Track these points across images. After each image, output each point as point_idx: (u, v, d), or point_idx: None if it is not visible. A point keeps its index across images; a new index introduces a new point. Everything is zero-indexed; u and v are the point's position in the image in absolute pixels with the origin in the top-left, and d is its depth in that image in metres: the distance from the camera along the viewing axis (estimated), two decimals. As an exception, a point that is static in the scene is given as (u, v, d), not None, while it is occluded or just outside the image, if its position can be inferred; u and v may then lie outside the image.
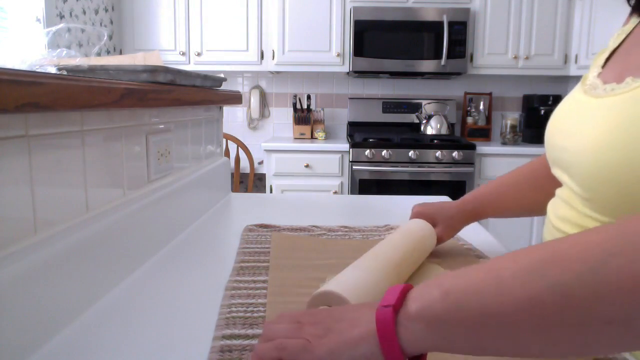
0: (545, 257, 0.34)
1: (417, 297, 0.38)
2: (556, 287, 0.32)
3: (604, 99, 0.56)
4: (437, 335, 0.36)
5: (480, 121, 3.17)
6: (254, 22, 2.94)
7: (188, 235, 0.92)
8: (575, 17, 2.89)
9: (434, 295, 0.37)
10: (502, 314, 0.33)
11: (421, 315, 0.36)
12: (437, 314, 0.36)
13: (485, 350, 0.35)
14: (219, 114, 1.26)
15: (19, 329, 0.46)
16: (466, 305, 0.35)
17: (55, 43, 2.11)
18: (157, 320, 0.57)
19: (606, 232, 0.33)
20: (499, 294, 0.34)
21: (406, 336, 0.37)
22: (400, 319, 0.37)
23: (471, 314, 0.35)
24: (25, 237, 0.50)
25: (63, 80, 0.49)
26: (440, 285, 0.37)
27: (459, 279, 0.37)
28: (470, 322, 0.35)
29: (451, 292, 0.36)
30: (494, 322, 0.34)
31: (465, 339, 0.35)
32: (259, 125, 3.38)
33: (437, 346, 0.36)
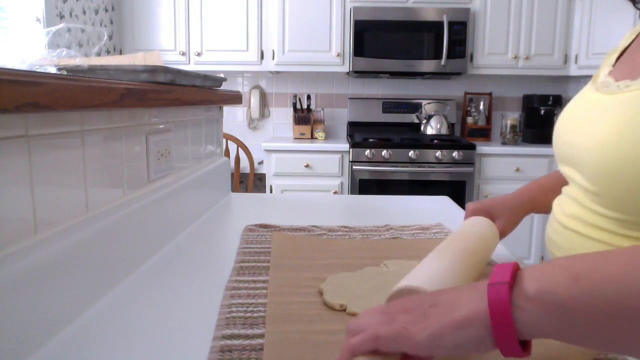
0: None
1: (536, 277, 0.34)
2: None
3: (617, 95, 0.57)
4: (558, 323, 0.33)
5: (480, 121, 3.17)
6: (254, 22, 2.94)
7: (188, 235, 0.92)
8: (575, 17, 2.89)
9: (560, 278, 0.33)
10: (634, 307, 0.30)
11: (542, 297, 0.33)
12: (563, 299, 0.32)
13: (614, 346, 0.32)
14: (219, 114, 1.26)
15: (19, 329, 0.46)
16: (599, 295, 0.31)
17: (55, 43, 2.11)
18: (157, 320, 0.57)
19: None
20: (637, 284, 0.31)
21: (522, 319, 0.33)
22: (515, 299, 0.34)
23: (605, 304, 0.31)
24: (25, 237, 0.50)
25: (63, 80, 0.49)
26: (568, 269, 0.34)
27: (593, 264, 0.33)
28: (604, 313, 0.31)
29: (583, 277, 0.32)
30: (631, 316, 0.31)
31: (593, 331, 0.32)
32: (259, 125, 3.37)
33: (555, 334, 0.34)
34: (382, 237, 0.91)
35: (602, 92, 0.60)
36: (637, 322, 0.31)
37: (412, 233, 0.93)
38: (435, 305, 0.37)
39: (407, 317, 0.37)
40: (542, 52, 2.91)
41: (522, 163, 2.75)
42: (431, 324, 0.36)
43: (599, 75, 0.64)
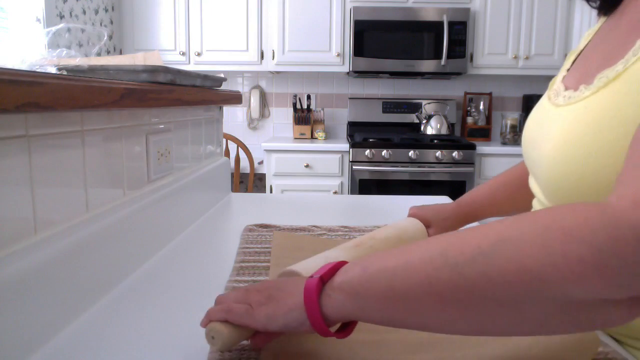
0: (451, 240, 0.37)
1: (343, 271, 0.42)
2: (452, 267, 0.35)
3: (562, 108, 0.55)
4: (354, 305, 0.40)
5: (480, 121, 3.17)
6: (254, 22, 2.94)
7: (188, 235, 0.92)
8: (575, 17, 2.89)
9: (355, 270, 0.41)
10: (405, 289, 0.37)
11: (341, 286, 0.41)
12: (354, 286, 0.40)
13: (394, 322, 0.39)
14: (219, 114, 1.26)
15: (19, 329, 0.46)
16: (377, 281, 0.39)
17: (55, 43, 2.11)
18: (157, 320, 0.57)
19: (507, 220, 0.35)
20: (405, 271, 0.37)
21: (328, 304, 0.41)
22: (326, 289, 0.42)
23: (380, 288, 0.38)
24: (25, 237, 0.50)
25: (63, 80, 0.49)
26: (362, 263, 0.41)
27: (378, 258, 0.40)
28: (379, 296, 0.38)
29: (368, 268, 0.40)
30: (398, 297, 0.37)
31: (376, 311, 0.39)
32: (259, 125, 3.38)
33: (355, 315, 0.41)
34: (382, 237, 0.91)
35: (552, 102, 0.59)
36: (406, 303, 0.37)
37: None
38: (280, 290, 0.45)
39: (258, 296, 0.45)
40: (542, 52, 2.92)
41: (522, 163, 2.75)
42: (269, 306, 0.44)
43: (555, 81, 0.63)
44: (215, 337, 0.45)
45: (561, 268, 0.31)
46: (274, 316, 0.43)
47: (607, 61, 0.51)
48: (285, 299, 0.43)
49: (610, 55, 0.52)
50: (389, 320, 0.39)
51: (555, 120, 0.56)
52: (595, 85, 0.50)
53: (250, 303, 0.45)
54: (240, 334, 0.45)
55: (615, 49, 0.51)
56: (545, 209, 0.35)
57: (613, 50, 0.52)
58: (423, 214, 0.80)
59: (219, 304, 0.47)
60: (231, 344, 0.45)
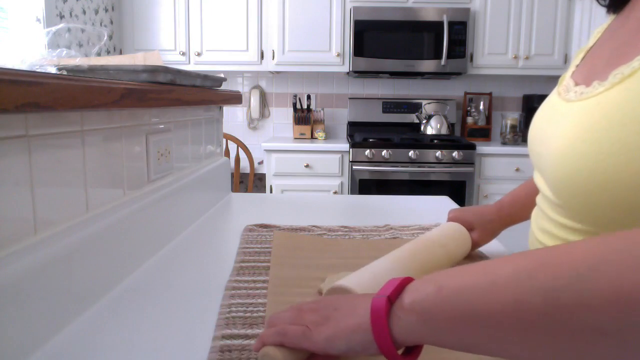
0: (538, 261, 0.34)
1: (412, 290, 0.39)
2: (543, 291, 0.32)
3: (573, 104, 0.55)
4: (427, 329, 0.37)
5: (480, 121, 3.17)
6: (254, 22, 2.94)
7: (188, 235, 0.92)
8: (575, 17, 2.89)
9: (428, 289, 0.37)
10: (489, 313, 0.34)
11: (413, 307, 0.37)
12: (428, 307, 0.37)
13: (472, 348, 0.36)
14: (219, 114, 1.26)
15: (19, 328, 0.46)
16: (456, 302, 0.35)
17: (55, 43, 2.11)
18: (157, 320, 0.57)
19: (602, 240, 0.32)
20: (489, 293, 0.34)
21: (398, 326, 0.38)
22: (394, 309, 0.38)
23: (460, 311, 0.35)
24: (25, 237, 0.50)
25: (63, 80, 0.49)
26: (436, 281, 0.38)
27: (454, 277, 0.37)
28: (458, 319, 0.35)
29: (444, 287, 0.37)
30: (481, 321, 0.34)
31: (452, 335, 0.36)
32: (259, 125, 3.38)
33: (427, 339, 0.37)
34: (382, 237, 0.91)
35: (562, 97, 0.58)
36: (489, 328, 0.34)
37: (412, 233, 0.93)
38: (338, 309, 0.42)
39: (314, 316, 0.43)
40: (542, 52, 2.91)
41: (522, 163, 2.75)
42: (329, 327, 0.41)
43: (564, 77, 0.63)
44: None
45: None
46: (335, 338, 0.40)
47: (617, 57, 0.51)
48: (347, 320, 0.41)
49: (620, 51, 0.51)
50: (464, 346, 0.36)
51: (566, 115, 0.55)
52: (610, 81, 0.49)
53: (308, 325, 0.42)
54: (296, 357, 0.43)
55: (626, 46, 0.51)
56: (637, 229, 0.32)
57: (623, 47, 0.52)
58: (465, 218, 0.79)
59: (271, 326, 0.45)
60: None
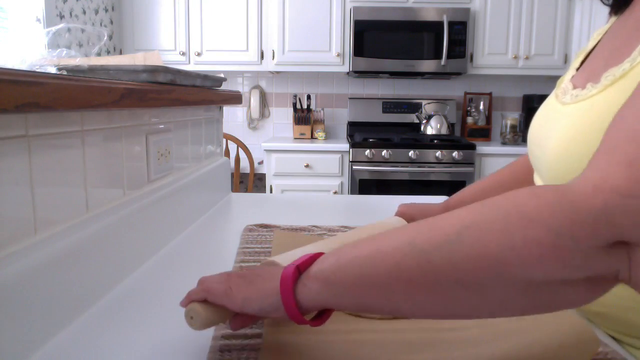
0: (419, 228, 0.38)
1: (319, 261, 0.43)
2: (418, 253, 0.36)
3: (569, 106, 0.55)
4: (327, 293, 0.41)
5: (480, 121, 3.17)
6: (254, 22, 2.94)
7: (188, 235, 0.92)
8: (575, 17, 2.89)
9: (330, 260, 0.42)
10: (376, 277, 0.38)
11: (316, 275, 0.42)
12: (327, 275, 0.41)
13: (366, 308, 0.40)
14: (219, 114, 1.26)
15: (19, 329, 0.46)
16: (349, 269, 0.40)
17: (55, 43, 2.11)
18: (157, 320, 0.57)
19: (472, 207, 0.37)
20: (376, 259, 0.39)
21: (303, 292, 0.42)
22: (302, 278, 0.43)
23: (353, 276, 0.40)
24: (25, 237, 0.50)
25: (63, 80, 0.49)
26: (337, 253, 0.43)
27: (352, 248, 0.42)
28: (351, 283, 0.40)
29: (341, 257, 0.41)
30: (370, 284, 0.39)
31: (349, 298, 0.40)
32: (259, 125, 3.38)
33: (329, 303, 0.42)
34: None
35: (559, 100, 0.59)
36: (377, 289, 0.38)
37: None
38: (259, 277, 0.47)
39: (238, 280, 0.47)
40: (542, 52, 2.92)
41: (522, 163, 2.75)
42: (248, 289, 0.46)
43: (563, 80, 0.63)
44: (194, 317, 0.46)
45: (520, 251, 0.32)
46: (250, 299, 0.45)
47: (613, 59, 0.52)
48: (263, 284, 0.45)
49: (617, 53, 0.52)
50: (361, 307, 0.41)
51: (562, 118, 0.56)
52: (602, 83, 0.50)
53: (231, 286, 0.47)
54: (219, 315, 0.47)
55: (622, 47, 0.52)
56: (508, 193, 0.36)
57: (619, 49, 0.52)
58: (410, 213, 0.81)
59: (200, 285, 0.49)
60: (209, 324, 0.46)
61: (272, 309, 0.44)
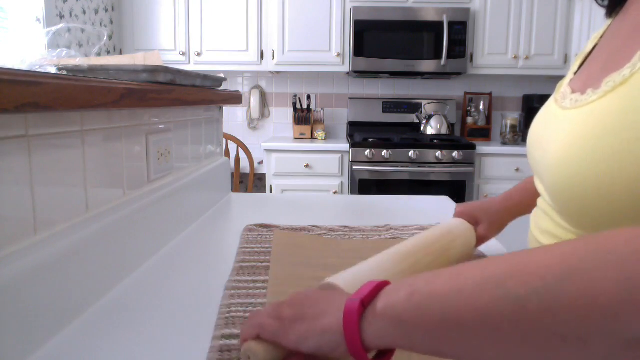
0: (508, 268, 0.34)
1: (386, 294, 0.39)
2: (511, 299, 0.32)
3: (569, 112, 0.55)
4: (398, 334, 0.37)
5: (480, 121, 3.17)
6: (254, 22, 2.94)
7: (188, 235, 0.92)
8: (575, 17, 2.89)
9: (401, 294, 0.37)
10: (459, 320, 0.34)
11: (385, 312, 0.37)
12: (399, 313, 0.37)
13: (443, 353, 0.36)
14: (219, 114, 1.26)
15: (19, 329, 0.46)
16: (426, 309, 0.35)
17: (55, 43, 2.11)
18: (157, 320, 0.57)
19: (571, 248, 0.32)
20: (459, 300, 0.34)
21: (369, 330, 0.38)
22: (367, 313, 0.38)
23: (430, 317, 0.35)
24: (25, 237, 0.50)
25: (63, 80, 0.49)
26: (410, 286, 0.38)
27: (427, 282, 0.37)
28: (429, 325, 0.35)
29: (416, 293, 0.37)
30: (451, 327, 0.34)
31: (423, 341, 0.36)
32: (259, 125, 3.38)
33: (398, 343, 0.37)
34: (382, 237, 0.91)
35: (559, 105, 0.59)
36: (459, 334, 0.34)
37: (412, 233, 0.93)
38: (314, 307, 0.43)
39: (289, 312, 0.44)
40: (542, 52, 2.92)
41: (522, 163, 2.75)
42: (302, 325, 0.42)
43: (562, 84, 0.63)
44: (252, 357, 0.43)
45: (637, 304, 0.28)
46: (306, 336, 0.41)
47: (610, 64, 0.52)
48: (320, 319, 0.41)
49: (614, 58, 0.52)
50: (435, 352, 0.36)
51: (562, 123, 0.56)
52: (603, 89, 0.50)
53: (283, 319, 0.43)
54: (277, 352, 0.44)
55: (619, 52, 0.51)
56: (617, 231, 0.31)
57: (617, 52, 0.52)
58: (471, 212, 0.79)
59: (250, 320, 0.46)
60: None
61: (331, 347, 0.40)
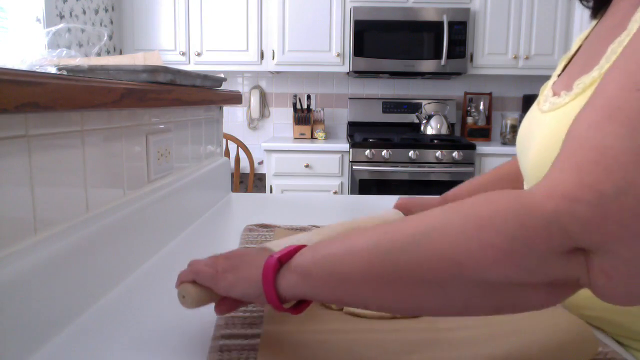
0: (389, 229, 0.40)
1: (299, 255, 0.45)
2: (386, 254, 0.38)
3: (546, 115, 0.56)
4: (305, 286, 0.43)
5: (480, 121, 3.17)
6: (254, 22, 2.94)
7: (188, 235, 0.92)
8: (575, 17, 2.89)
9: (307, 255, 0.44)
10: (347, 274, 0.40)
11: (296, 268, 0.44)
12: (305, 269, 0.43)
13: (340, 302, 0.43)
14: (219, 114, 1.26)
15: (19, 329, 0.46)
16: (324, 265, 0.42)
17: (55, 43, 2.11)
18: (157, 320, 0.58)
19: (439, 210, 0.38)
20: (347, 258, 0.41)
21: (282, 283, 0.44)
22: (283, 269, 0.45)
23: (327, 272, 0.42)
24: (25, 237, 0.50)
25: (63, 80, 0.49)
26: (315, 248, 0.45)
27: (327, 245, 0.44)
28: (325, 279, 0.42)
29: (317, 253, 0.44)
30: (341, 280, 0.41)
31: (324, 292, 0.43)
32: (259, 125, 3.38)
33: (306, 295, 0.44)
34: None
35: (540, 108, 0.60)
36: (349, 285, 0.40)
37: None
38: (245, 262, 0.49)
39: (224, 264, 0.49)
40: (542, 52, 2.92)
41: (522, 163, 2.75)
42: (232, 275, 0.48)
43: (545, 87, 0.64)
44: (186, 296, 0.49)
45: (476, 254, 0.34)
46: (234, 285, 0.47)
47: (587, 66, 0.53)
48: (247, 271, 0.47)
49: (590, 60, 0.53)
50: (335, 300, 0.44)
51: (540, 126, 0.57)
52: (574, 91, 0.52)
53: (217, 269, 0.49)
54: (208, 296, 0.49)
55: (594, 55, 0.53)
56: (471, 198, 0.38)
57: (592, 56, 0.53)
58: (409, 207, 0.83)
59: (190, 266, 0.51)
60: (200, 303, 0.49)
61: (254, 296, 0.46)
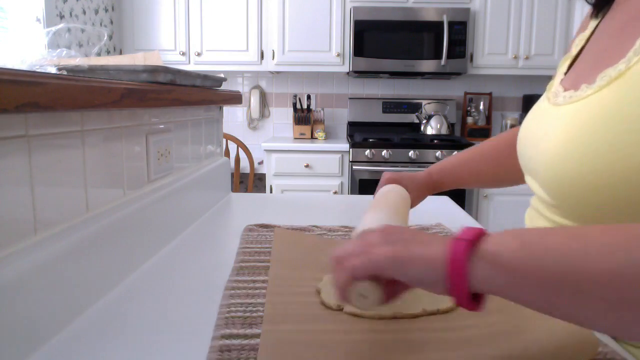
0: (633, 234, 0.33)
1: (493, 241, 0.37)
2: (637, 264, 0.31)
3: (563, 107, 0.56)
4: (505, 281, 0.36)
5: (480, 121, 3.17)
6: (254, 22, 2.94)
7: (188, 235, 0.92)
8: (575, 17, 2.89)
9: (511, 244, 0.36)
10: (579, 280, 0.33)
11: (495, 258, 0.36)
12: (511, 260, 0.36)
13: (551, 309, 0.35)
14: (219, 114, 1.26)
15: (18, 329, 0.46)
16: (544, 262, 0.34)
17: (55, 43, 2.11)
18: (157, 320, 0.58)
19: None
20: (581, 260, 0.33)
21: (475, 273, 0.37)
22: (473, 256, 0.37)
23: (547, 272, 0.34)
24: (25, 237, 0.50)
25: (63, 80, 0.49)
26: (518, 236, 0.37)
27: (539, 236, 0.37)
28: (545, 278, 0.34)
29: (530, 245, 0.36)
30: (568, 285, 0.33)
31: (532, 293, 0.35)
32: (259, 125, 3.38)
33: (502, 292, 0.36)
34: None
35: (552, 102, 0.60)
36: (578, 293, 0.33)
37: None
38: (413, 236, 0.41)
39: (377, 238, 0.42)
40: (542, 52, 2.91)
41: (522, 163, 2.75)
42: (396, 249, 0.40)
43: (553, 84, 0.64)
44: (369, 295, 0.41)
45: None
46: (401, 261, 0.39)
47: (602, 62, 0.53)
48: (417, 249, 0.39)
49: (605, 55, 0.53)
50: (540, 306, 0.36)
51: (556, 118, 0.57)
52: (598, 84, 0.51)
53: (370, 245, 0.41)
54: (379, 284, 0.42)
55: (611, 49, 0.52)
56: None
57: (608, 50, 0.53)
58: (399, 180, 0.84)
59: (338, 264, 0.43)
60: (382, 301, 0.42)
61: (431, 282, 0.38)
